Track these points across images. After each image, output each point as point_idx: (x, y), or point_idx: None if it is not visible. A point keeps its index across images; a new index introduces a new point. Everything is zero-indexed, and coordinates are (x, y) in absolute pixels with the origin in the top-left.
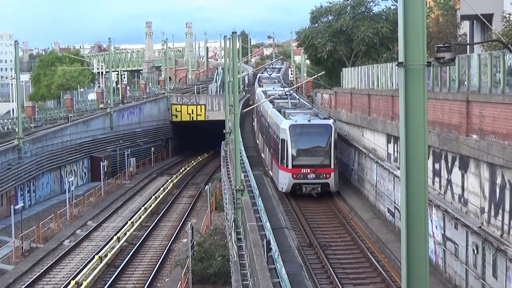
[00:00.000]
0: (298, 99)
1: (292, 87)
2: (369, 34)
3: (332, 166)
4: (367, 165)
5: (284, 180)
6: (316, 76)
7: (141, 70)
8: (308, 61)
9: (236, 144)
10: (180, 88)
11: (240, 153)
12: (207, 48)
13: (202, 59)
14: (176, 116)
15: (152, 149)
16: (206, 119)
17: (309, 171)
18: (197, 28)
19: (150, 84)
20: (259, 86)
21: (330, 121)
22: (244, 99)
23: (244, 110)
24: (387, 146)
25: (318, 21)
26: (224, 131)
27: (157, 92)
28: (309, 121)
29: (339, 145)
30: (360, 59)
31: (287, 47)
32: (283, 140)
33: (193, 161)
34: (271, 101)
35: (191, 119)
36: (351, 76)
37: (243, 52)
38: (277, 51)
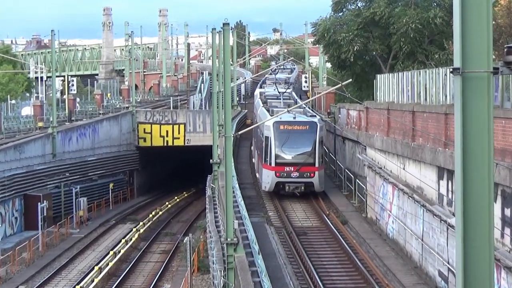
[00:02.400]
0: (295, 100)
1: (307, 100)
2: (414, 27)
3: (317, 165)
4: (409, 209)
5: (267, 178)
6: (339, 85)
7: (97, 75)
8: (329, 64)
9: (228, 180)
10: (151, 101)
11: (233, 192)
12: (188, 45)
13: (182, 60)
14: (145, 140)
15: (111, 185)
16: (186, 144)
17: (292, 169)
18: (175, 17)
19: (108, 94)
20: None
21: (316, 119)
22: (240, 116)
23: (240, 132)
24: (438, 184)
25: (344, 9)
26: (211, 161)
27: (118, 106)
28: (294, 118)
29: (371, 181)
30: (402, 62)
31: (300, 45)
32: (267, 138)
33: (167, 203)
34: (264, 101)
35: (165, 144)
36: (388, 86)
37: (239, 51)
38: (286, 50)
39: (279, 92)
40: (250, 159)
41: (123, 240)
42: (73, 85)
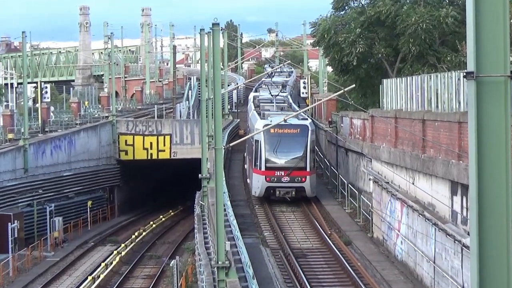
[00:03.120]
0: (290, 103)
1: (306, 108)
2: (424, 27)
3: (309, 169)
4: (420, 228)
5: (257, 183)
6: (342, 91)
7: (73, 81)
8: (330, 68)
9: (219, 196)
10: (133, 110)
11: (225, 210)
12: (174, 47)
13: (167, 64)
14: (126, 153)
15: (89, 203)
16: (172, 157)
17: (283, 173)
18: (160, 16)
19: (86, 103)
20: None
21: (307, 122)
22: (232, 126)
23: (232, 144)
24: (452, 200)
25: (346, 7)
26: (200, 176)
27: (96, 116)
28: (285, 121)
29: (378, 197)
30: (410, 65)
31: (298, 47)
32: (257, 141)
33: (152, 222)
34: (256, 105)
35: (149, 157)
36: (395, 92)
37: (230, 53)
38: (282, 52)
39: (271, 95)
40: (243, 174)
41: (102, 264)
42: (46, 92)
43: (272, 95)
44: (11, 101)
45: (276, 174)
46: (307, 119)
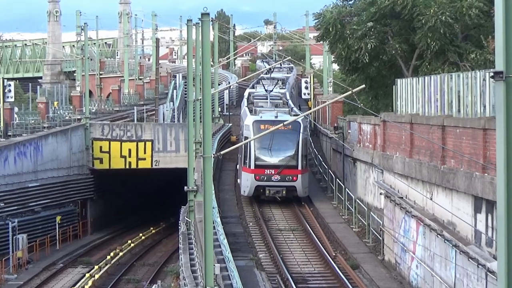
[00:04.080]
0: (287, 101)
1: (308, 112)
2: (444, 20)
3: (300, 168)
4: (438, 251)
5: (246, 182)
6: (349, 92)
7: (40, 78)
8: (336, 66)
9: (207, 212)
10: (109, 111)
11: (214, 227)
12: (157, 40)
13: (149, 59)
14: (101, 161)
15: (58, 218)
16: (154, 166)
17: (273, 172)
18: (141, 4)
19: (55, 103)
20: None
21: (300, 118)
22: (223, 131)
23: (223, 152)
24: (475, 218)
25: None
26: (185, 188)
27: (67, 118)
28: (276, 117)
29: (390, 214)
30: (428, 63)
31: (299, 41)
32: (246, 138)
33: (130, 241)
34: (250, 102)
35: (127, 167)
36: (411, 93)
37: (221, 48)
38: (281, 47)
39: (266, 91)
40: (235, 186)
41: None
42: (10, 90)
43: (266, 91)
44: None
45: (266, 173)
46: (299, 115)
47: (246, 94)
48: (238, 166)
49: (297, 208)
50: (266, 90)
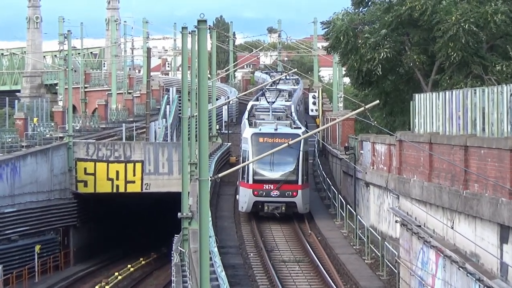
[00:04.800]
0: (291, 113)
1: (316, 130)
2: (467, 27)
3: (300, 183)
4: (460, 285)
5: (244, 197)
6: (362, 108)
7: (18, 91)
8: (347, 79)
9: (204, 242)
10: (95, 129)
11: (211, 259)
12: (148, 50)
13: (139, 71)
14: (86, 184)
15: (37, 248)
16: (144, 190)
17: (272, 187)
18: (131, 10)
19: (35, 119)
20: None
21: (300, 131)
22: (221, 152)
23: (221, 175)
24: (501, 249)
25: (368, 2)
26: (179, 214)
27: (48, 136)
28: (275, 129)
29: (406, 245)
30: (450, 76)
31: (306, 51)
32: (244, 151)
33: (117, 273)
34: (252, 114)
35: (114, 190)
36: (430, 110)
37: (220, 59)
38: (286, 59)
39: (268, 102)
40: (234, 212)
41: None
42: None
43: (268, 102)
44: None
45: (264, 188)
46: (300, 127)
47: (248, 106)
48: (238, 182)
49: (303, 237)
50: (268, 102)
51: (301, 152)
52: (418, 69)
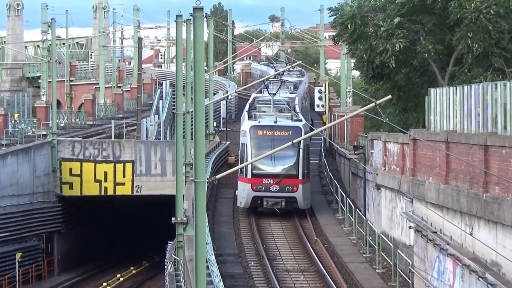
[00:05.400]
0: (294, 106)
1: (323, 128)
2: (488, 15)
3: (301, 177)
4: None
5: (243, 192)
6: (372, 104)
7: None
8: (356, 72)
9: (200, 249)
10: (81, 126)
11: (208, 268)
12: (140, 40)
13: (129, 63)
14: (71, 186)
15: (18, 256)
16: (135, 193)
17: (272, 181)
18: None
19: (16, 115)
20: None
21: (301, 123)
22: (219, 151)
23: (218, 176)
24: None
25: None
26: (173, 220)
27: (30, 134)
28: (275, 122)
29: (421, 253)
30: (468, 69)
31: (312, 42)
32: (243, 145)
33: (105, 284)
34: (253, 107)
35: (103, 193)
36: (447, 106)
37: (218, 50)
38: (289, 50)
39: (269, 94)
40: (233, 217)
41: None
42: None
43: (270, 94)
44: None
45: (263, 182)
46: (301, 120)
47: (250, 99)
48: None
49: (309, 244)
50: (269, 93)
51: (301, 146)
52: (433, 61)
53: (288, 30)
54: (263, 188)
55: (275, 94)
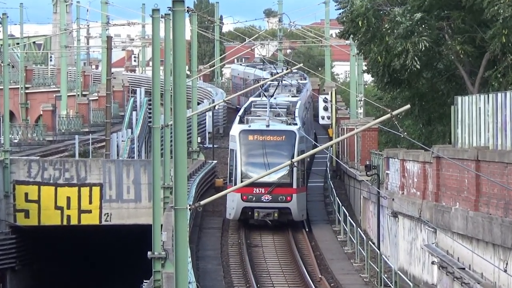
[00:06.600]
0: (294, 112)
1: (328, 144)
2: None
3: (295, 186)
4: None
5: (232, 203)
6: (388, 115)
7: None
8: (368, 77)
9: None
10: (39, 143)
11: None
12: (109, 39)
13: (97, 67)
14: (27, 215)
15: None
16: (104, 222)
17: (263, 191)
18: None
19: None
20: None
21: (295, 128)
22: (204, 171)
23: (203, 202)
24: None
25: None
26: (149, 254)
27: None
28: (267, 126)
29: None
30: (503, 73)
31: (315, 41)
32: (232, 151)
33: None
34: (248, 112)
35: (65, 223)
36: (477, 117)
37: (203, 50)
38: (289, 50)
39: (266, 97)
40: (221, 250)
41: None
42: None
43: (266, 97)
44: None
45: (254, 192)
46: (296, 124)
47: (247, 103)
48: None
49: (312, 284)
50: (266, 96)
51: (296, 151)
52: (461, 64)
53: (287, 27)
54: (254, 198)
55: (271, 97)
